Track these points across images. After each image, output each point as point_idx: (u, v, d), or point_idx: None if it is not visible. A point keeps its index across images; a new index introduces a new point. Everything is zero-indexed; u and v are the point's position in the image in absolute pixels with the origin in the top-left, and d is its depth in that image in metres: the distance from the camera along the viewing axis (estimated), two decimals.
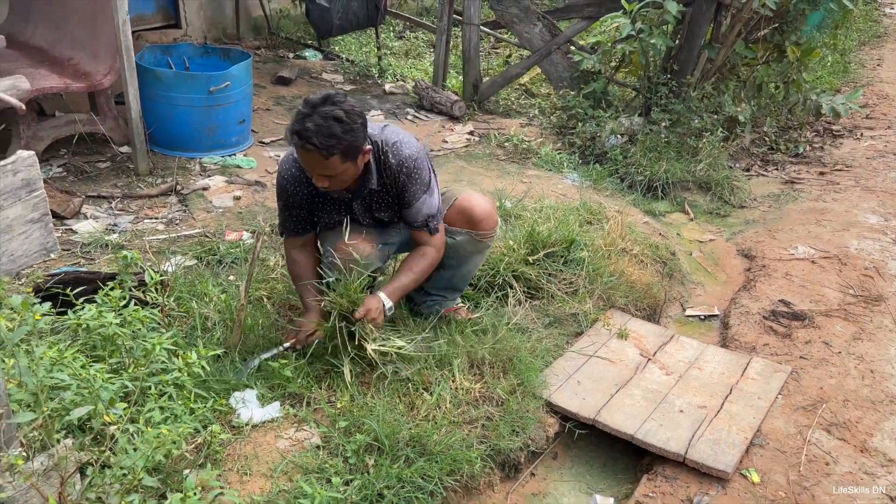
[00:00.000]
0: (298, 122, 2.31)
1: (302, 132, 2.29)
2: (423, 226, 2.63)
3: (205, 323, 2.77)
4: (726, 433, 2.55)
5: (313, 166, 2.37)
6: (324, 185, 2.42)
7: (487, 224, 2.79)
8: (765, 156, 5.78)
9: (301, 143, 2.29)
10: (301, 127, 2.29)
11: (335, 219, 2.68)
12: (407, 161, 2.53)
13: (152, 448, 1.59)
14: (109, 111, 4.63)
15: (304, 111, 2.32)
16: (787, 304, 3.49)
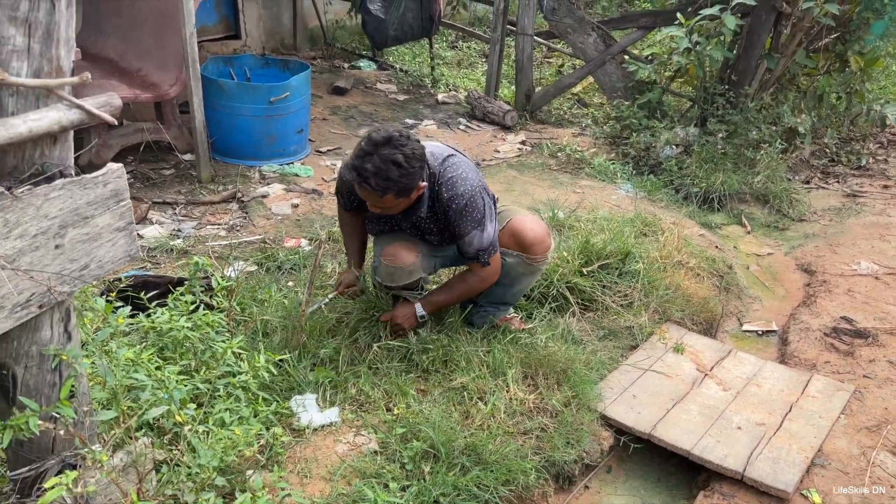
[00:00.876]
0: (358, 159, 2.39)
1: (361, 170, 2.37)
2: (474, 258, 2.66)
3: (265, 327, 2.85)
4: (786, 452, 2.51)
5: (367, 198, 2.51)
6: (375, 211, 2.59)
7: (539, 249, 2.77)
8: (825, 168, 5.64)
9: (358, 180, 2.39)
10: (360, 165, 2.37)
11: (379, 228, 2.84)
12: (457, 199, 2.55)
13: (223, 448, 1.66)
14: (174, 120, 4.80)
15: (366, 149, 2.38)
16: (850, 320, 3.40)
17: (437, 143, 2.71)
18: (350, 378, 2.60)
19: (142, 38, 4.73)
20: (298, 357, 2.65)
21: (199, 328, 2.15)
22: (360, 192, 2.48)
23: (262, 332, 2.80)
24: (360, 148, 2.41)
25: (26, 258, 1.32)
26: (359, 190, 2.45)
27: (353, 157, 2.41)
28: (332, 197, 4.55)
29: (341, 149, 5.30)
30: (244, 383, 2.04)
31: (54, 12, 1.25)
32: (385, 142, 2.37)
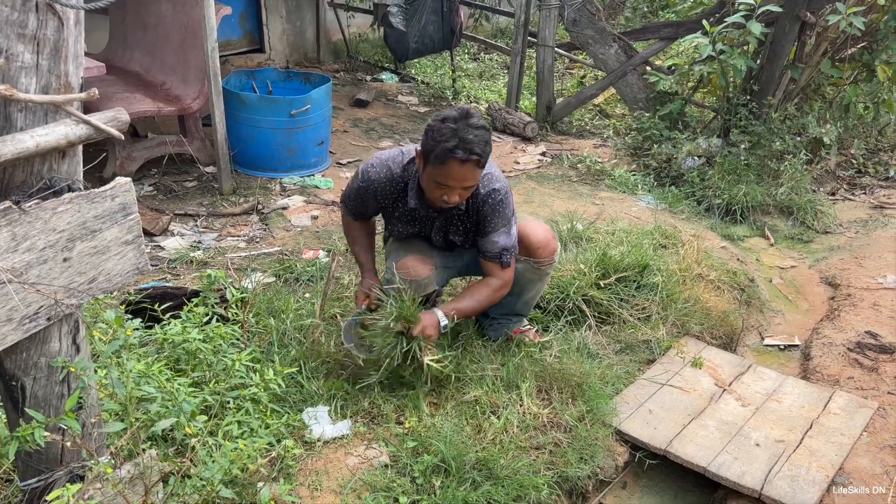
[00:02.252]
0: (455, 135, 2.28)
1: (467, 143, 2.27)
2: (497, 258, 2.61)
3: (281, 339, 2.87)
4: (806, 470, 2.45)
5: (463, 179, 2.35)
6: (456, 200, 2.43)
7: (544, 252, 2.77)
8: (851, 179, 5.54)
9: (466, 155, 2.27)
10: (465, 136, 2.27)
11: (409, 231, 2.75)
12: (494, 194, 2.54)
13: (230, 461, 1.66)
14: (197, 133, 4.87)
15: (455, 125, 2.29)
16: (875, 335, 3.32)
17: None
18: (363, 391, 2.60)
19: (166, 53, 4.82)
20: (313, 370, 2.66)
21: (212, 340, 2.17)
22: (453, 176, 2.33)
23: (277, 343, 2.82)
24: (447, 127, 2.29)
25: (34, 271, 1.34)
26: (455, 171, 2.31)
27: (447, 138, 2.27)
28: None
29: (361, 160, 5.33)
30: (255, 396, 2.05)
31: (63, 29, 1.27)
32: (465, 114, 2.33)
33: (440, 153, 2.29)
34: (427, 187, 2.47)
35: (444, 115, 2.35)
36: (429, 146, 2.34)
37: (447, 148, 2.28)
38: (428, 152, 2.35)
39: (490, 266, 2.65)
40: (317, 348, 2.73)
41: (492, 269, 2.66)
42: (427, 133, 2.36)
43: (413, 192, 2.56)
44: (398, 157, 2.60)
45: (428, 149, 2.35)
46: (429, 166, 2.38)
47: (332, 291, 3.39)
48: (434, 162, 2.33)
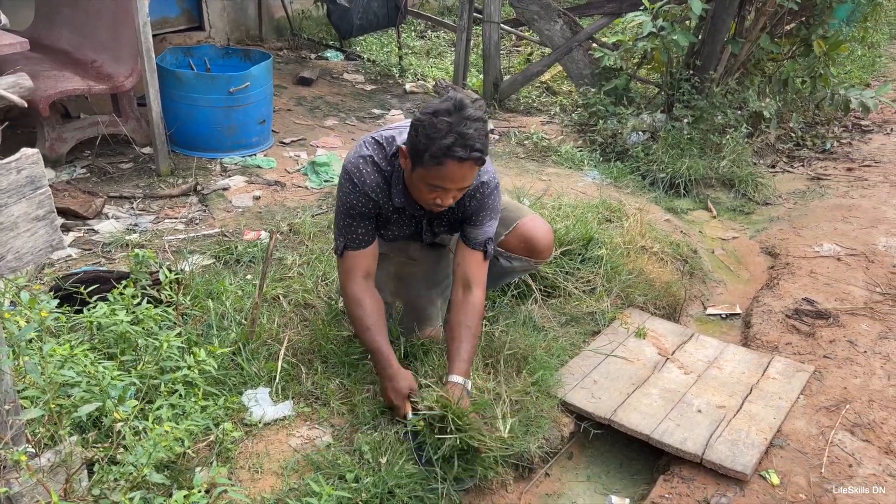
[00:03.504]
0: (451, 130, 2.00)
1: (466, 139, 1.99)
2: (482, 246, 2.41)
3: (221, 321, 2.79)
4: (745, 434, 2.50)
5: (461, 180, 2.10)
6: (450, 202, 2.18)
7: (548, 254, 2.72)
8: (790, 152, 5.67)
9: (466, 153, 2.00)
10: (462, 133, 1.99)
11: (403, 232, 2.48)
12: (486, 185, 2.35)
13: (160, 445, 1.60)
14: (132, 113, 4.69)
15: (449, 119, 2.01)
16: (812, 302, 3.41)
17: None
18: (305, 371, 2.55)
19: (97, 30, 4.61)
20: (252, 352, 2.59)
21: (142, 322, 2.08)
22: (451, 176, 2.06)
23: (216, 325, 2.74)
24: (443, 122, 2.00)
25: None
26: (454, 171, 2.05)
27: (444, 136, 1.99)
28: (295, 188, 4.49)
29: (306, 140, 5.22)
30: (188, 378, 1.98)
31: None
32: (459, 104, 2.03)
33: (436, 152, 2.01)
34: (416, 189, 2.19)
35: (434, 108, 2.06)
36: (420, 145, 2.05)
37: (444, 146, 2.00)
38: (420, 152, 2.05)
39: (471, 256, 2.40)
40: (257, 329, 2.66)
41: (472, 259, 2.40)
42: (416, 129, 2.06)
43: (398, 190, 2.29)
44: (377, 150, 2.28)
45: (419, 147, 2.05)
46: (419, 168, 2.09)
47: (274, 272, 3.32)
48: (428, 163, 2.04)
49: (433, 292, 2.62)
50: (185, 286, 2.94)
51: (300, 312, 3.00)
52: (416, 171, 2.13)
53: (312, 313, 2.96)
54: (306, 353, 2.68)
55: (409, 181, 2.23)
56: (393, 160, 2.29)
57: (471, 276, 2.40)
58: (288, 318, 2.91)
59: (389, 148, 2.29)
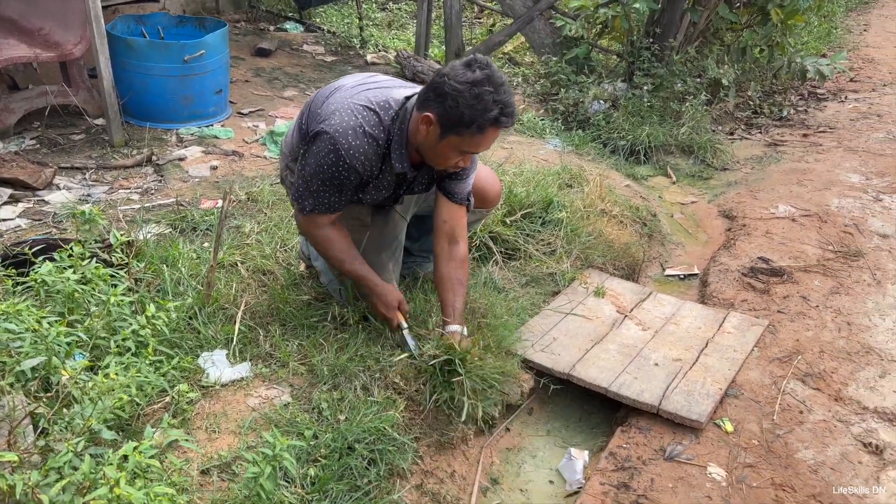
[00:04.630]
0: (495, 102, 2.02)
1: (508, 108, 2.05)
2: (465, 200, 2.45)
3: (177, 287, 2.74)
4: (701, 385, 2.54)
5: (493, 142, 2.16)
6: (468, 163, 2.24)
7: (498, 199, 2.76)
8: (749, 119, 5.75)
9: (510, 121, 2.07)
10: (506, 102, 2.03)
11: (381, 195, 2.43)
12: None
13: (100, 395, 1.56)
14: (83, 83, 4.56)
15: (490, 89, 2.02)
16: (767, 260, 3.47)
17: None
18: (263, 334, 2.52)
19: None
20: (208, 315, 2.55)
21: (91, 283, 2.03)
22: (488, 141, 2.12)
23: (171, 291, 2.69)
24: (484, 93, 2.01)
25: None
26: (494, 136, 2.11)
27: (489, 106, 2.01)
28: (254, 158, 4.41)
29: (264, 110, 5.13)
30: (139, 336, 1.94)
31: None
32: (489, 72, 2.04)
33: (482, 123, 2.04)
34: (440, 155, 2.18)
35: (470, 79, 2.02)
36: (464, 116, 2.04)
37: (492, 118, 2.03)
38: (462, 122, 2.05)
39: (456, 210, 2.43)
40: (213, 294, 2.62)
41: (457, 213, 2.44)
42: (455, 100, 2.03)
43: (399, 154, 2.25)
44: (369, 117, 2.20)
45: (463, 119, 2.04)
46: (453, 136, 2.09)
47: (232, 239, 3.27)
48: (473, 133, 2.07)
49: (383, 256, 2.60)
50: (138, 253, 2.89)
51: (258, 278, 2.96)
52: (448, 139, 2.12)
53: (271, 279, 2.92)
54: (264, 317, 2.65)
55: (431, 148, 2.18)
56: (390, 126, 2.22)
57: (456, 229, 2.44)
58: (246, 285, 2.87)
59: (384, 114, 2.21)
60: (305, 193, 2.30)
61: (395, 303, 2.44)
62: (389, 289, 2.44)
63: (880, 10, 10.02)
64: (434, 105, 2.09)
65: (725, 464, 2.28)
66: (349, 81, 2.36)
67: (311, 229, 2.37)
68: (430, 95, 2.10)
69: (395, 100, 2.22)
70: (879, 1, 10.45)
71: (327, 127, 2.18)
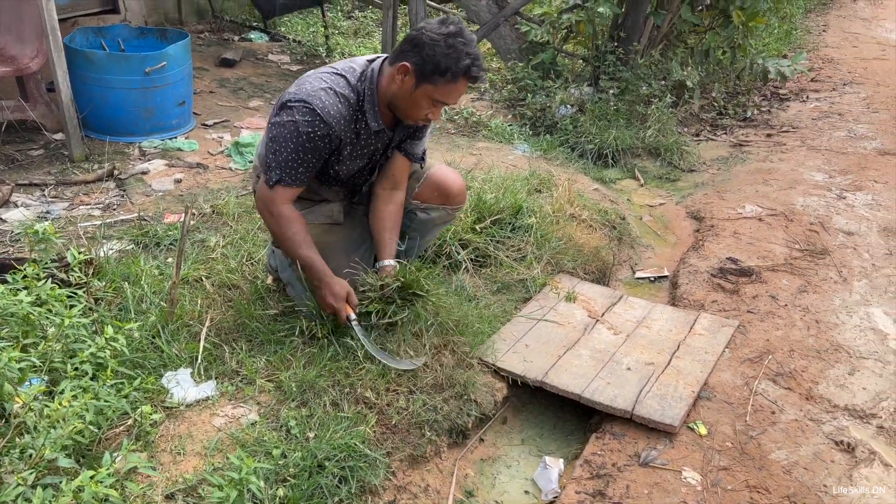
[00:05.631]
0: (466, 53, 2.16)
1: (480, 61, 2.19)
2: (421, 158, 2.61)
3: (139, 304, 2.67)
4: (673, 388, 2.54)
5: (461, 94, 2.29)
6: (438, 116, 2.35)
7: (462, 198, 2.82)
8: (714, 121, 5.81)
9: (479, 72, 2.21)
10: (476, 54, 2.18)
11: (357, 165, 2.50)
12: None
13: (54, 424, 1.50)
14: (41, 97, 4.45)
15: (462, 40, 2.16)
16: (735, 261, 3.49)
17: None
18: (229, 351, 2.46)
19: None
20: (172, 333, 2.49)
21: (46, 304, 1.96)
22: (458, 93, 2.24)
23: (133, 309, 2.62)
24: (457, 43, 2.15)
25: None
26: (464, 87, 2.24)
27: (461, 56, 2.15)
28: (219, 170, 4.34)
29: (229, 121, 5.06)
30: (97, 359, 1.88)
31: None
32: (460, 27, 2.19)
33: (456, 72, 2.17)
34: (414, 105, 2.28)
35: (444, 31, 2.16)
36: (441, 63, 2.16)
37: (464, 66, 2.17)
38: (437, 69, 2.17)
39: (405, 164, 2.57)
40: (177, 310, 2.55)
41: (406, 166, 2.57)
42: (430, 48, 2.15)
43: (373, 113, 2.34)
44: (338, 80, 2.28)
45: (437, 66, 2.16)
46: (427, 84, 2.20)
47: (197, 254, 3.20)
48: (447, 81, 2.19)
49: (353, 257, 2.58)
50: (99, 271, 2.81)
51: (224, 293, 2.89)
52: (422, 88, 2.22)
53: (237, 294, 2.87)
54: (230, 333, 2.59)
55: (406, 98, 2.27)
56: (359, 86, 2.31)
57: (400, 178, 2.59)
58: (211, 300, 2.81)
59: (351, 76, 2.30)
60: (273, 164, 2.31)
61: (344, 294, 2.42)
62: (338, 280, 2.43)
63: (838, 10, 10.22)
64: (411, 55, 2.20)
65: (700, 467, 2.27)
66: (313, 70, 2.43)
67: (273, 205, 2.36)
68: (407, 47, 2.22)
69: (358, 63, 2.34)
70: (837, 2, 10.67)
71: (297, 94, 2.25)
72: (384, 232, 2.57)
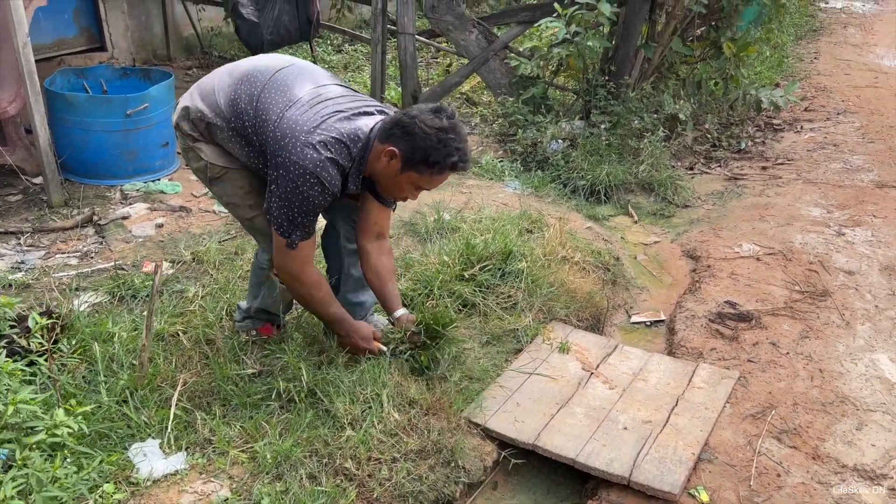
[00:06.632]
0: (456, 149, 2.22)
1: (467, 156, 2.27)
2: (393, 204, 2.60)
3: (109, 366, 2.54)
4: (672, 450, 2.40)
5: (442, 181, 2.35)
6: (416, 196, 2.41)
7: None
8: (708, 153, 5.73)
9: (465, 166, 2.28)
10: (464, 150, 2.25)
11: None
12: None
13: None
14: (20, 141, 4.35)
15: (453, 136, 2.22)
16: (733, 304, 3.38)
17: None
18: (202, 418, 2.32)
19: None
20: (142, 399, 2.35)
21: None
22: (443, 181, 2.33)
23: (103, 372, 2.49)
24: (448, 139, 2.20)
25: None
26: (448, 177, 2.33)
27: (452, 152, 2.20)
28: (202, 213, 4.23)
29: None
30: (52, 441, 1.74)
31: None
32: (452, 120, 2.24)
33: (443, 166, 2.24)
34: (395, 186, 2.34)
35: (437, 125, 2.20)
36: (429, 157, 2.21)
37: (451, 162, 2.23)
38: (423, 161, 2.22)
39: (384, 212, 2.57)
40: (147, 374, 2.42)
41: (385, 214, 2.59)
42: (422, 140, 2.19)
43: (355, 179, 2.34)
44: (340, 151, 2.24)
45: (425, 159, 2.21)
46: (411, 172, 2.25)
47: (175, 306, 3.08)
48: (433, 173, 2.25)
49: None
50: (69, 329, 2.68)
51: (200, 349, 2.76)
52: (407, 174, 2.27)
53: (213, 350, 2.74)
54: (204, 396, 2.46)
55: (389, 178, 2.31)
56: (356, 156, 2.31)
57: (383, 226, 2.61)
58: (187, 358, 2.68)
59: (353, 146, 2.28)
60: (290, 227, 2.30)
61: (370, 334, 2.61)
62: (362, 324, 2.64)
63: (829, 37, 10.22)
64: (401, 142, 2.22)
65: None
66: (303, 94, 2.32)
67: (302, 272, 2.40)
68: (397, 132, 2.23)
69: (363, 132, 2.30)
70: (828, 28, 10.69)
71: (307, 163, 2.19)
72: (385, 285, 2.63)
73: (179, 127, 2.47)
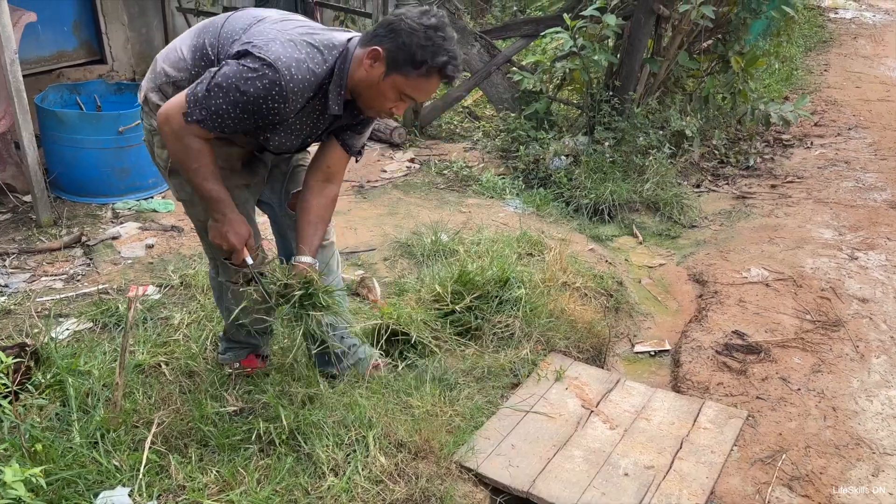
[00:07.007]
0: (444, 49, 1.99)
1: (457, 60, 2.02)
2: (359, 153, 2.39)
3: (84, 401, 2.43)
4: (676, 499, 2.26)
5: (432, 92, 2.13)
6: (402, 111, 2.16)
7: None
8: (715, 170, 5.58)
9: (455, 71, 2.04)
10: (454, 52, 2.00)
11: (291, 142, 2.24)
12: None
13: None
14: (10, 158, 4.27)
15: (442, 35, 1.98)
16: (741, 335, 3.23)
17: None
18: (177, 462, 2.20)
19: None
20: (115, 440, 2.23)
21: None
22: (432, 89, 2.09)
23: (77, 408, 2.37)
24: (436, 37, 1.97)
25: None
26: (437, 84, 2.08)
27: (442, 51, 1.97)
28: (194, 233, 4.12)
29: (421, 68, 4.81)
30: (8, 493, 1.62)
31: None
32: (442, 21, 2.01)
33: (431, 67, 2.00)
34: (379, 94, 2.08)
35: (425, 22, 1.98)
36: (415, 55, 1.98)
37: (440, 62, 1.99)
38: (409, 61, 1.99)
39: (343, 157, 2.33)
40: (121, 413, 2.30)
41: (343, 159, 2.34)
42: (408, 36, 1.97)
43: (336, 96, 2.10)
44: (313, 54, 2.03)
45: (411, 57, 1.98)
46: (397, 74, 2.02)
47: (158, 334, 2.96)
48: (419, 75, 2.01)
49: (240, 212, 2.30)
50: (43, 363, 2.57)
51: (182, 383, 2.65)
52: (392, 78, 2.04)
53: (195, 384, 2.62)
54: (182, 437, 2.34)
55: (372, 86, 2.07)
56: (333, 66, 2.08)
57: (335, 171, 2.36)
58: (167, 393, 2.56)
59: (328, 53, 2.07)
60: (202, 103, 1.99)
61: (246, 235, 2.23)
62: (243, 220, 2.24)
63: (839, 48, 10.06)
64: (385, 40, 2.02)
65: None
66: (271, 14, 2.17)
67: (184, 135, 2.05)
68: (381, 31, 2.04)
69: (337, 40, 2.11)
70: (837, 40, 10.53)
71: (267, 54, 1.96)
72: (307, 226, 2.33)
73: (148, 101, 2.22)
